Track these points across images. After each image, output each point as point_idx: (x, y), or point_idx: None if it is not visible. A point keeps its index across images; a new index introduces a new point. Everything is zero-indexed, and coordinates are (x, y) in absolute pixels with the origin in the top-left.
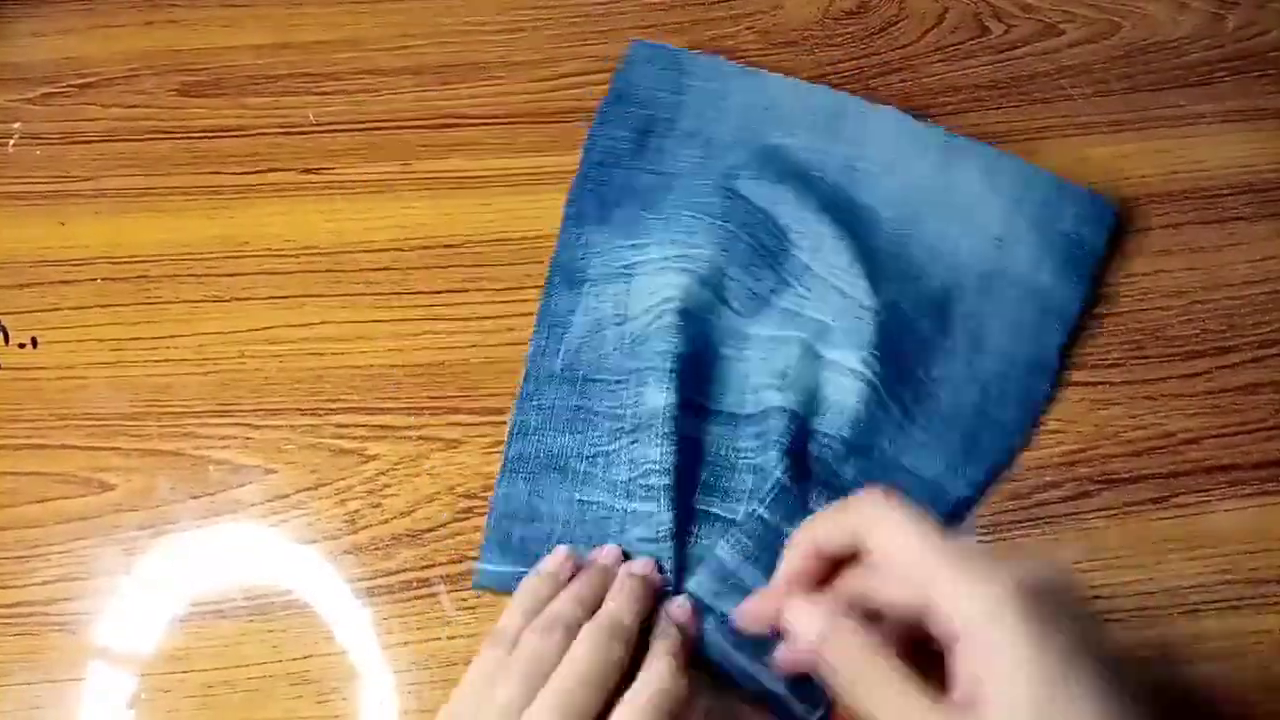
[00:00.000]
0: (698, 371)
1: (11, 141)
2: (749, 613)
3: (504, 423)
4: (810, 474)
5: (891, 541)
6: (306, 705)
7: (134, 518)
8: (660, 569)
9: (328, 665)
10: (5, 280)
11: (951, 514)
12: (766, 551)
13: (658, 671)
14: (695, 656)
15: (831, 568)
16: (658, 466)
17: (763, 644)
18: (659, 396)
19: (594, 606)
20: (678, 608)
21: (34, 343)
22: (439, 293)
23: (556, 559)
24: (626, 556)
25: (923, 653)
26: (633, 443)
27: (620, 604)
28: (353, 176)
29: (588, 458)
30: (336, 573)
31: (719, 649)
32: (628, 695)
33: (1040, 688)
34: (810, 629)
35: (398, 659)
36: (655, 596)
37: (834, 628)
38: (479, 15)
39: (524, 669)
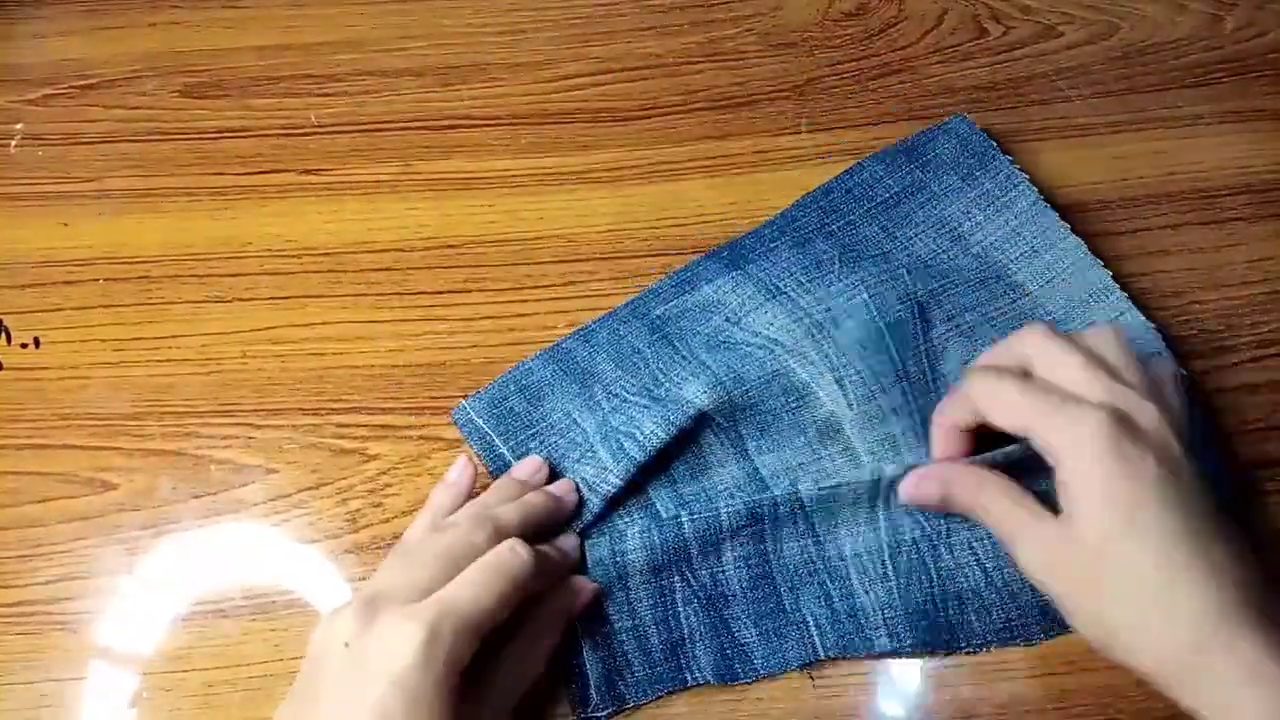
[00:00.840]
0: (757, 410)
1: (14, 142)
2: (910, 489)
3: None
4: (754, 525)
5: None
6: None
7: (136, 517)
8: (580, 499)
9: None
10: (8, 280)
11: (852, 646)
12: (667, 555)
13: (507, 544)
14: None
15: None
16: (641, 438)
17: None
18: (695, 394)
19: (492, 518)
20: (566, 538)
21: (36, 343)
22: (440, 293)
23: (458, 468)
24: (554, 476)
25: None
26: (645, 406)
27: (512, 508)
28: (354, 177)
29: (611, 394)
30: (338, 572)
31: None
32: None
33: (1112, 513)
34: (933, 485)
35: None
36: (558, 519)
37: (952, 471)
38: (481, 17)
39: (421, 561)
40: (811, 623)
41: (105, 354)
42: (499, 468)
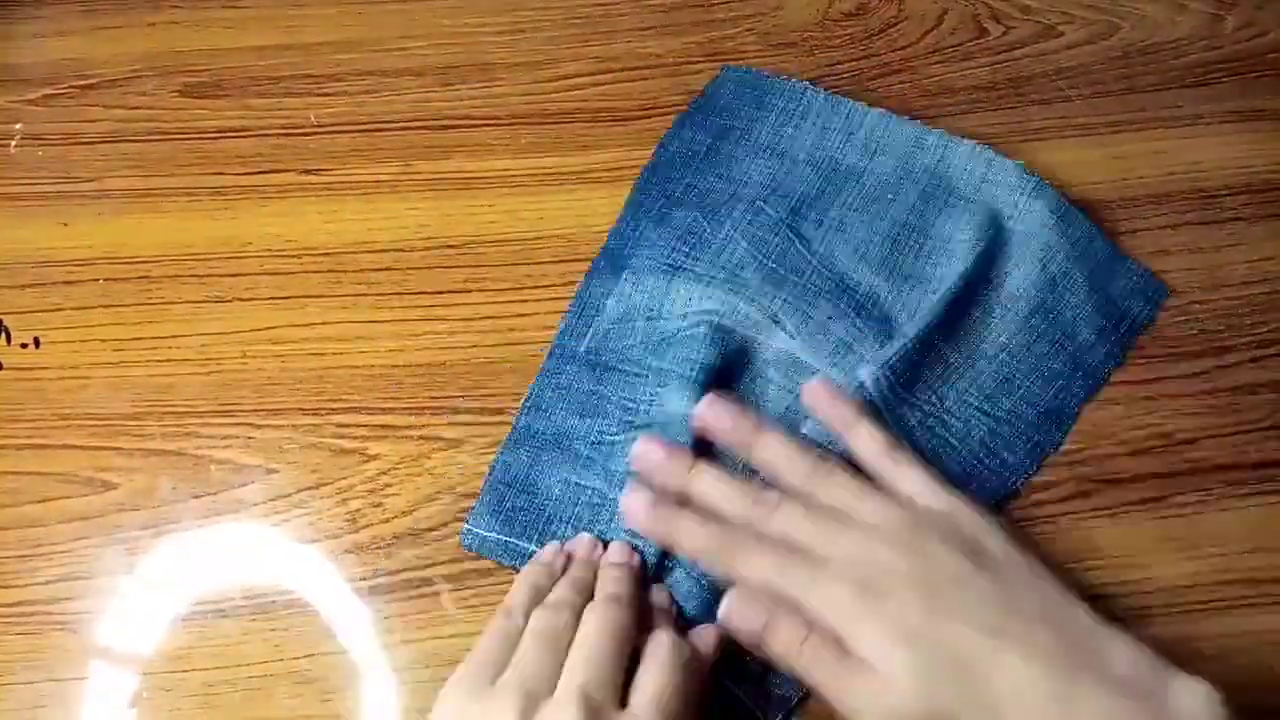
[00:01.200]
0: (735, 386)
1: (13, 142)
2: (732, 615)
3: (505, 422)
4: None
5: None
6: (308, 704)
7: (136, 517)
8: (641, 556)
9: (329, 664)
10: (8, 280)
11: None
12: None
13: (669, 638)
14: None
15: None
16: None
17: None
18: (680, 403)
19: (590, 590)
20: (658, 593)
21: (36, 343)
22: (440, 293)
23: (550, 551)
24: (605, 544)
25: None
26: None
27: (611, 585)
28: (354, 177)
29: (593, 443)
30: (338, 572)
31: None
32: (647, 654)
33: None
34: (759, 616)
35: (399, 658)
36: (639, 580)
37: (777, 613)
38: (480, 17)
39: (543, 642)
40: None
41: (105, 354)
42: None
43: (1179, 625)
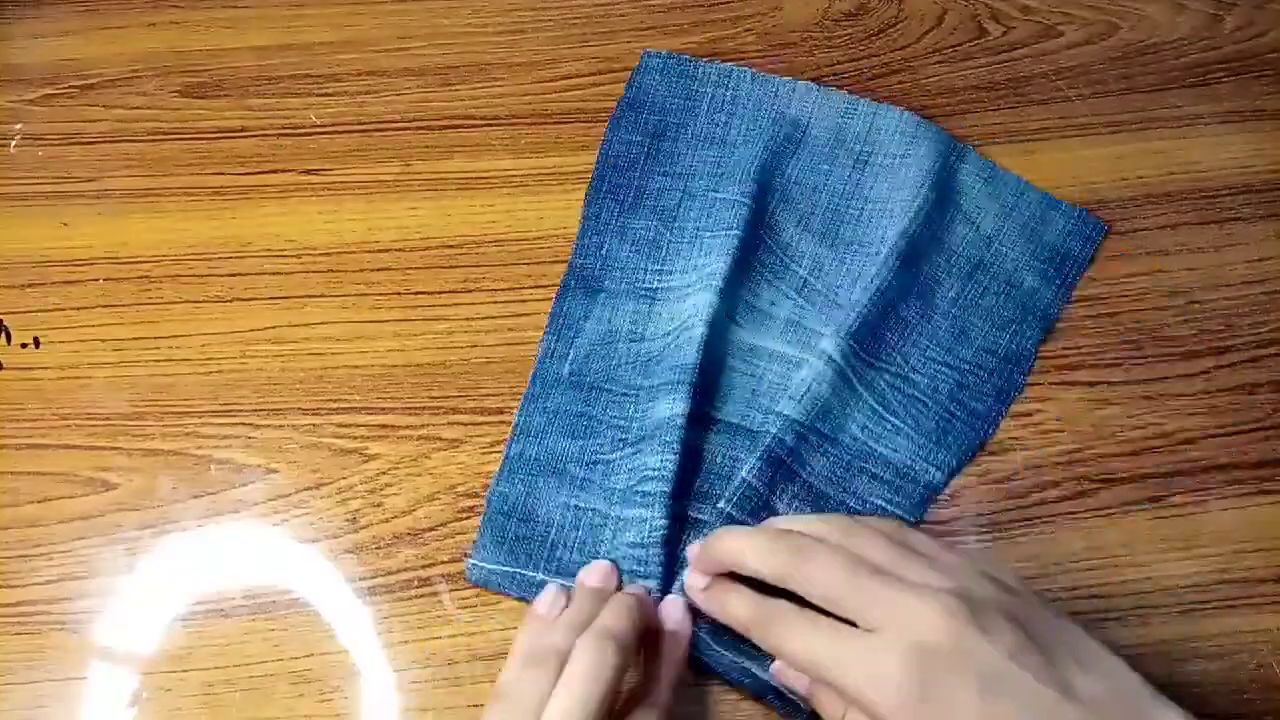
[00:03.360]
0: (705, 383)
1: (13, 142)
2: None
3: (504, 422)
4: (781, 467)
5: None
6: (308, 704)
7: (135, 517)
8: (649, 589)
9: (329, 664)
10: (8, 280)
11: (922, 499)
12: None
13: (589, 640)
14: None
15: None
16: (655, 474)
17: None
18: (667, 408)
19: (586, 626)
20: (671, 605)
21: (36, 342)
22: (440, 293)
23: (547, 600)
24: (618, 566)
25: None
26: (635, 452)
27: (609, 615)
28: (354, 177)
29: (587, 464)
30: (338, 572)
31: (704, 645)
32: (569, 661)
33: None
34: (744, 609)
35: (399, 657)
36: (649, 612)
37: (762, 607)
38: (480, 17)
39: (524, 705)
40: (885, 506)
41: (105, 354)
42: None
43: (1179, 625)
